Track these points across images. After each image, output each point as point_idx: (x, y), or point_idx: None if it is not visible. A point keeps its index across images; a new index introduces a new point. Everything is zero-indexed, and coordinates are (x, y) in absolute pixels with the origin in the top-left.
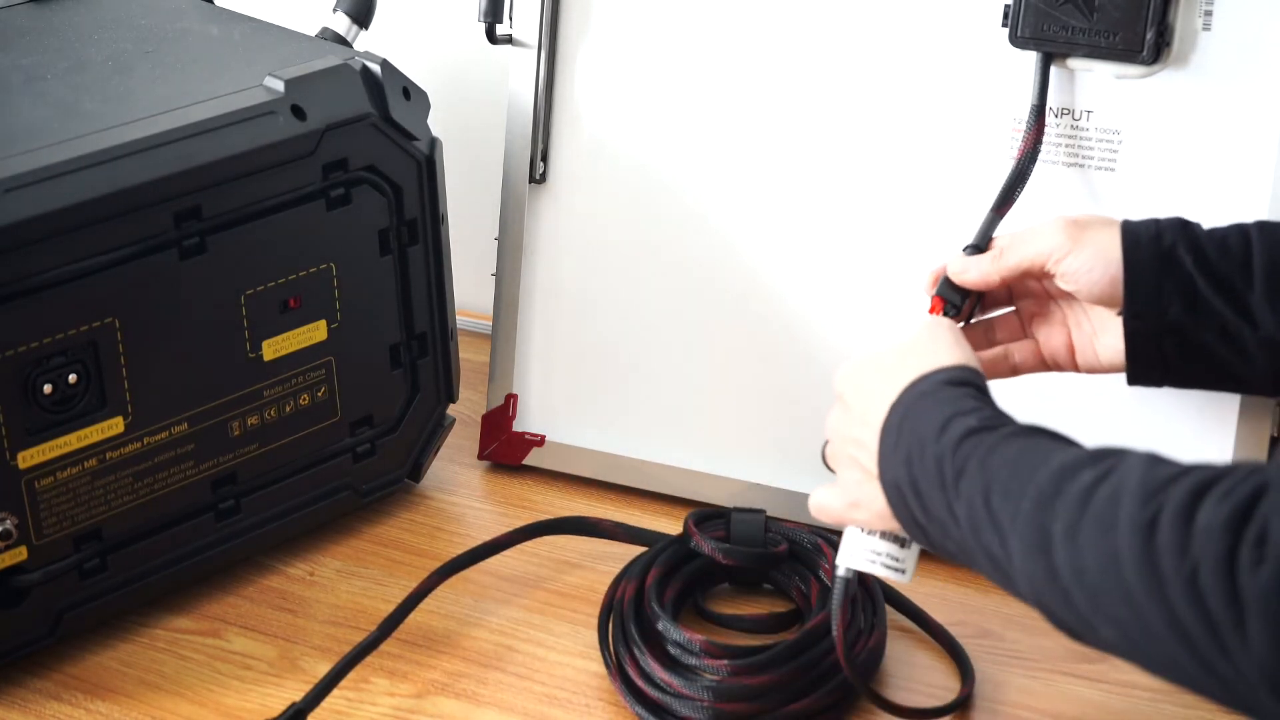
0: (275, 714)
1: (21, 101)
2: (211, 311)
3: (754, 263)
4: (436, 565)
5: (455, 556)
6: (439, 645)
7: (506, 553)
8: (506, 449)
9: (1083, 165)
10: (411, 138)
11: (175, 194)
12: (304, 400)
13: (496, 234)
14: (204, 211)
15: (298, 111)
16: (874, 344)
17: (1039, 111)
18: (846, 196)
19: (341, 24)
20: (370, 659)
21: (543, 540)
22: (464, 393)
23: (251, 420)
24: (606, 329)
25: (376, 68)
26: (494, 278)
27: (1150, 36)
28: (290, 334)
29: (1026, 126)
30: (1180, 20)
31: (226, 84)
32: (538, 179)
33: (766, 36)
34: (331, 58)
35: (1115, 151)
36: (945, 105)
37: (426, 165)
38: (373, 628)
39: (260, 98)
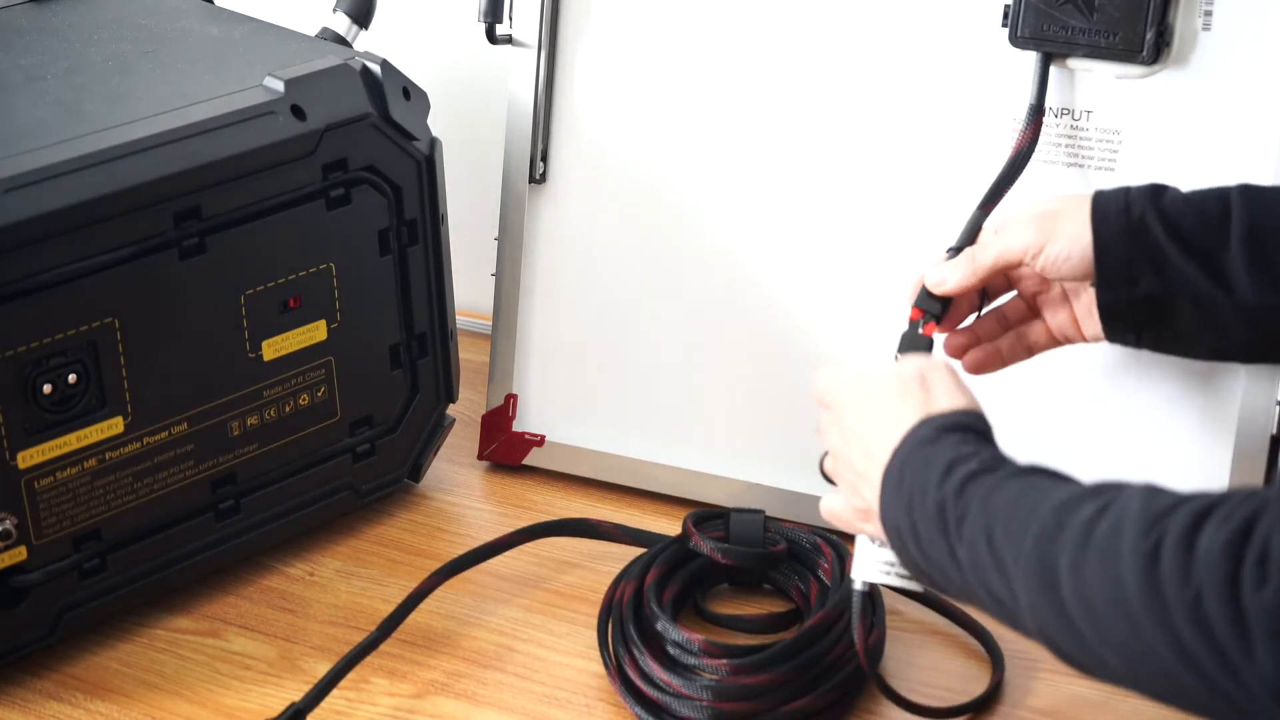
0: (275, 714)
1: (21, 101)
2: (211, 311)
3: (754, 262)
4: (436, 565)
5: (454, 558)
6: (438, 645)
7: (506, 553)
8: (506, 449)
9: (1083, 165)
10: (411, 138)
11: (175, 194)
12: (304, 400)
13: (496, 234)
14: (204, 211)
15: (298, 111)
16: (855, 356)
17: (1036, 111)
18: (846, 197)
19: (341, 24)
20: (370, 659)
21: (542, 540)
22: (464, 393)
23: (251, 420)
24: (606, 329)
25: (376, 68)
26: (494, 278)
27: (1150, 36)
28: (290, 334)
29: (1022, 126)
30: (1180, 20)
31: (226, 84)
32: (538, 179)
33: (766, 36)
34: (331, 58)
35: (1115, 151)
36: (945, 105)
37: (426, 165)
38: (372, 628)
39: (260, 98)
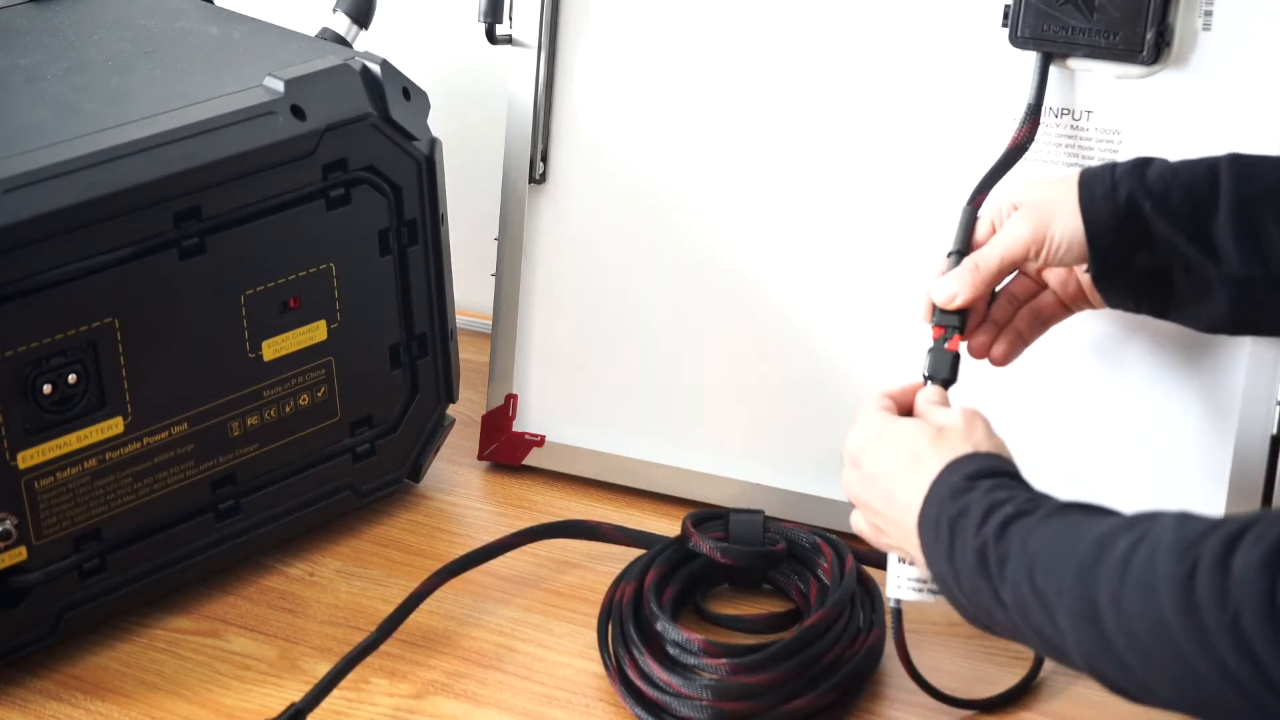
0: (275, 714)
1: (21, 101)
2: (211, 311)
3: (754, 262)
4: (436, 566)
5: (454, 559)
6: (438, 645)
7: (506, 553)
8: (506, 449)
9: (1083, 165)
10: (411, 138)
11: (175, 194)
12: (304, 400)
13: (496, 234)
14: (204, 211)
15: (297, 111)
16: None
17: (1034, 111)
18: (846, 197)
19: (341, 24)
20: (370, 659)
21: (542, 541)
22: (464, 393)
23: (251, 420)
24: (606, 329)
25: (376, 68)
26: (494, 278)
27: (1150, 36)
28: (290, 334)
29: (1019, 124)
30: (1180, 20)
31: (226, 84)
32: (537, 179)
33: (766, 36)
34: (331, 58)
35: (1115, 151)
36: (945, 106)
37: (426, 165)
38: (372, 628)
39: (260, 98)
